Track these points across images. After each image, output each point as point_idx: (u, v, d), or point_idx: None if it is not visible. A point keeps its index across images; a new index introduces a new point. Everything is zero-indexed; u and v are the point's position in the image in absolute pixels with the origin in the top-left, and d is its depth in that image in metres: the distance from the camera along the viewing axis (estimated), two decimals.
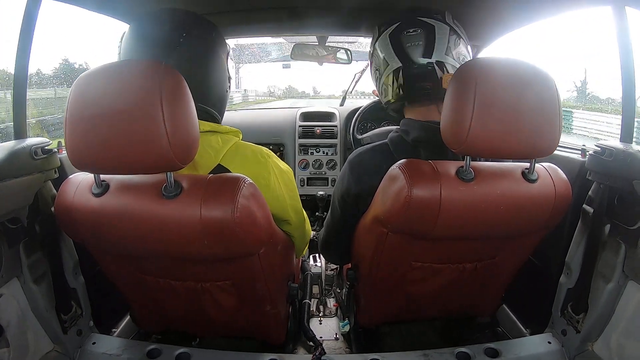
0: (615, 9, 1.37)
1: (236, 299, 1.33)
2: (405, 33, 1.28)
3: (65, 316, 1.41)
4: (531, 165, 1.15)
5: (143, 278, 1.30)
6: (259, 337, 1.57)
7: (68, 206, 1.11)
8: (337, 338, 1.91)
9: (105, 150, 0.95)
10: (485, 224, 1.19)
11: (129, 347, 1.48)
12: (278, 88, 39.28)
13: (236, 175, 1.09)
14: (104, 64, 1.00)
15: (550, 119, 1.07)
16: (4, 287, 1.27)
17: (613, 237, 1.34)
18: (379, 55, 1.34)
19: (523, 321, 1.83)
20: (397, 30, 1.30)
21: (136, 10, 1.75)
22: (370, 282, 1.43)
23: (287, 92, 37.61)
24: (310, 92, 37.88)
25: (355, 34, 2.55)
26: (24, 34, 1.36)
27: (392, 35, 1.30)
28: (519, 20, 1.87)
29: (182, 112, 0.96)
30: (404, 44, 1.28)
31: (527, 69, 1.08)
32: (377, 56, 1.36)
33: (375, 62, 1.37)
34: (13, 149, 1.21)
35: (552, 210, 1.21)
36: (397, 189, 1.12)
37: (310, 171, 3.06)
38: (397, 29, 1.30)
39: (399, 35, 1.29)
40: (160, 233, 1.06)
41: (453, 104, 1.08)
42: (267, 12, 2.09)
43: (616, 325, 1.33)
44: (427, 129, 1.29)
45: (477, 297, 1.52)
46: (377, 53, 1.36)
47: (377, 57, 1.36)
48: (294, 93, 32.48)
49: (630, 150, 1.25)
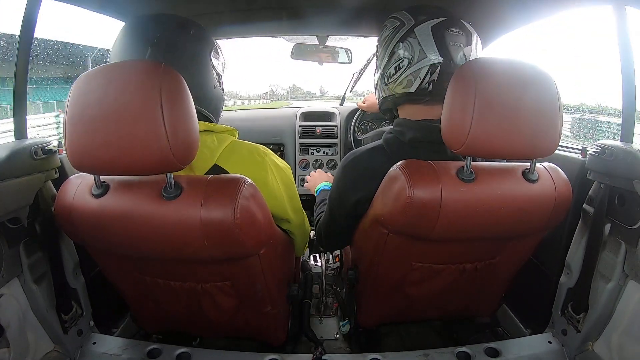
0: (615, 8, 1.37)
1: (236, 299, 1.33)
2: (449, 30, 1.26)
3: (65, 316, 1.42)
4: (531, 165, 1.15)
5: (143, 279, 1.30)
6: (259, 337, 1.57)
7: (68, 207, 1.11)
8: (337, 338, 1.91)
9: (105, 151, 0.94)
10: (485, 224, 1.19)
11: (129, 347, 1.48)
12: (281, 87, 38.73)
13: (236, 176, 1.09)
14: (104, 64, 1.00)
15: (550, 119, 1.07)
16: (5, 287, 1.27)
17: (613, 236, 1.34)
18: (415, 44, 1.28)
19: (523, 321, 1.83)
20: (441, 25, 1.26)
21: (133, 8, 1.75)
22: (370, 283, 1.43)
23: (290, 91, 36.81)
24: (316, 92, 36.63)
25: (355, 33, 2.55)
26: (24, 34, 1.36)
27: (436, 29, 1.26)
28: (519, 19, 1.87)
29: (182, 112, 0.96)
30: (447, 41, 1.25)
31: (528, 69, 1.08)
32: (410, 44, 1.28)
33: (406, 49, 1.29)
34: (13, 149, 1.21)
35: (553, 210, 1.21)
36: (398, 190, 1.12)
37: (310, 171, 3.06)
38: (442, 23, 1.26)
39: (443, 30, 1.25)
40: (160, 234, 1.06)
41: (453, 104, 1.07)
42: (268, 12, 2.10)
43: (616, 325, 1.33)
44: (425, 129, 1.28)
45: (478, 298, 1.52)
46: (411, 41, 1.28)
47: (409, 45, 1.29)
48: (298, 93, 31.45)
49: (631, 149, 1.25)
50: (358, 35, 2.62)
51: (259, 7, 2.04)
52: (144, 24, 1.24)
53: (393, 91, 1.34)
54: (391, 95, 1.36)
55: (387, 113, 1.46)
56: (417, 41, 1.26)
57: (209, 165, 1.21)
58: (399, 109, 1.39)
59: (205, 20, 2.05)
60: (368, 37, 2.55)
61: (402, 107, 1.38)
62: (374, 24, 2.18)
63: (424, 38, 1.26)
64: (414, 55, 1.27)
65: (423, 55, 1.26)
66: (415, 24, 1.27)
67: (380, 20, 1.39)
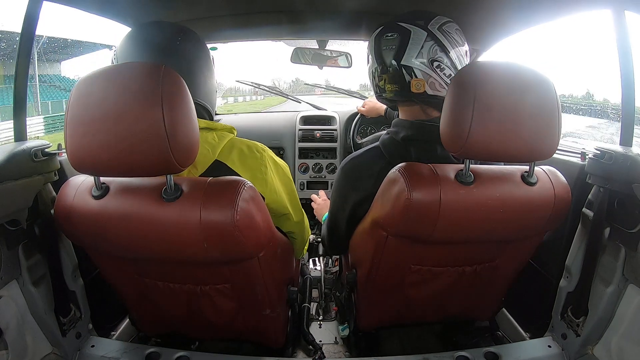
0: (614, 12, 1.37)
1: (235, 302, 1.33)
2: (384, 36, 1.33)
3: (64, 319, 1.41)
4: (530, 168, 1.15)
5: (142, 281, 1.30)
6: (259, 341, 1.57)
7: (68, 208, 1.11)
8: (337, 342, 1.90)
9: (105, 152, 0.95)
10: (484, 227, 1.19)
11: (128, 350, 1.47)
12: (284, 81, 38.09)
13: (236, 179, 1.10)
14: (104, 66, 1.00)
15: (549, 123, 1.07)
16: (3, 289, 1.27)
17: (613, 240, 1.34)
18: (367, 55, 1.43)
19: (523, 325, 1.82)
20: (379, 33, 1.35)
21: (135, 11, 1.76)
22: (369, 286, 1.43)
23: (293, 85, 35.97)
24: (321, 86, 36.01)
25: (355, 37, 2.55)
26: (24, 36, 1.37)
27: (375, 38, 1.36)
28: (519, 24, 1.88)
29: (182, 114, 0.96)
30: (381, 47, 1.34)
31: (527, 73, 1.08)
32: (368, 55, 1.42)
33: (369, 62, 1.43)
34: (13, 151, 1.22)
35: (552, 213, 1.21)
36: (397, 192, 1.12)
37: (310, 175, 3.06)
38: (380, 32, 1.35)
39: (380, 38, 1.34)
40: (159, 236, 1.06)
41: (452, 107, 1.08)
42: (268, 16, 2.10)
43: (616, 329, 1.33)
44: (416, 127, 1.33)
45: (477, 301, 1.52)
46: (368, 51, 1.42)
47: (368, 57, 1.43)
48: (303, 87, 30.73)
49: (630, 153, 1.25)
50: (358, 39, 2.63)
51: (258, 11, 2.05)
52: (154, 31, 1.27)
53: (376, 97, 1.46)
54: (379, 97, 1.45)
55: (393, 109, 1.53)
56: (367, 52, 1.42)
57: (210, 160, 1.22)
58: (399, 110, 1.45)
59: (205, 24, 2.06)
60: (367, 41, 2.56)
61: (400, 109, 1.45)
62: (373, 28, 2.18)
63: (370, 49, 1.41)
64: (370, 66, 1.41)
65: (368, 64, 1.42)
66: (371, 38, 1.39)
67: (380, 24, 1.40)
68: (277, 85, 36.01)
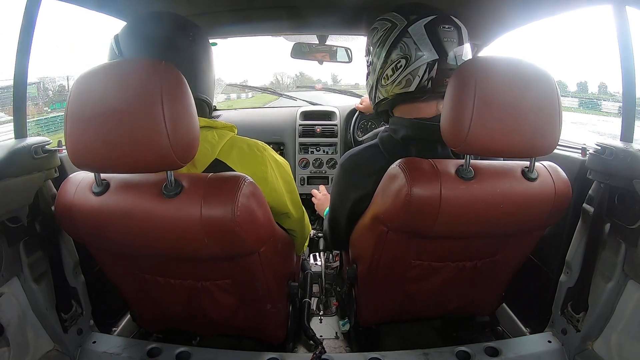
0: (615, 8, 1.37)
1: (236, 297, 1.33)
2: (442, 27, 1.27)
3: (65, 315, 1.42)
4: (531, 163, 1.15)
5: (143, 277, 1.30)
6: (259, 336, 1.57)
7: (68, 205, 1.11)
8: (338, 337, 1.91)
9: (105, 149, 0.95)
10: (485, 222, 1.19)
11: (129, 346, 1.48)
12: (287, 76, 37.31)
13: (236, 174, 1.10)
14: (104, 62, 1.00)
15: (550, 118, 1.07)
16: (5, 286, 1.27)
17: (613, 236, 1.34)
18: (411, 44, 1.29)
19: (523, 320, 1.83)
20: (433, 23, 1.28)
21: (134, 8, 1.75)
22: (370, 281, 1.43)
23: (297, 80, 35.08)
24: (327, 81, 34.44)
25: (355, 32, 2.55)
26: (23, 34, 1.36)
27: (429, 27, 1.27)
28: (520, 19, 1.87)
29: (182, 110, 0.96)
30: (442, 38, 1.27)
31: (527, 68, 1.08)
32: (406, 44, 1.30)
33: (402, 50, 1.30)
34: (13, 148, 1.21)
35: (552, 208, 1.21)
36: (397, 187, 1.12)
37: (310, 170, 3.06)
38: (434, 21, 1.28)
39: (436, 28, 1.27)
40: (160, 232, 1.07)
41: (453, 102, 1.08)
42: (268, 11, 2.09)
43: (616, 324, 1.33)
44: (416, 127, 1.30)
45: (477, 296, 1.52)
46: (406, 41, 1.30)
47: (405, 45, 1.30)
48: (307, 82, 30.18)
49: (631, 149, 1.25)
50: (358, 34, 2.62)
51: (258, 6, 2.04)
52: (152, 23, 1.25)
53: (391, 92, 1.35)
54: (389, 96, 1.37)
55: (383, 115, 1.47)
56: (413, 40, 1.28)
57: (210, 159, 1.22)
58: (395, 110, 1.41)
59: (204, 19, 2.05)
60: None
61: (397, 107, 1.40)
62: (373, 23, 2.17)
63: (419, 37, 1.27)
64: (410, 54, 1.28)
65: (420, 54, 1.27)
66: (408, 24, 1.29)
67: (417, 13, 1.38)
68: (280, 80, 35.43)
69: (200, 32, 1.30)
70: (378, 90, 1.40)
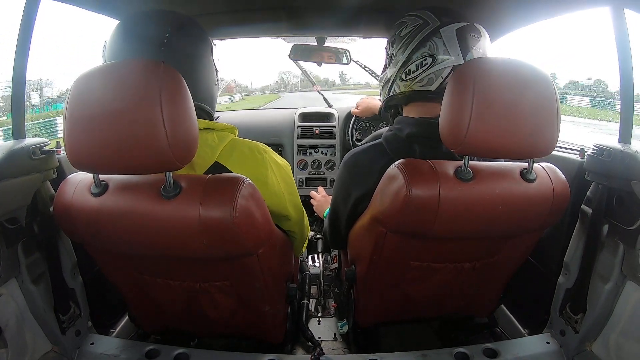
0: (613, 10, 1.37)
1: (234, 299, 1.33)
2: (471, 35, 1.29)
3: (63, 316, 1.41)
4: (529, 165, 1.16)
5: (141, 278, 1.30)
6: (258, 337, 1.57)
7: (67, 206, 1.11)
8: (336, 338, 1.91)
9: (104, 150, 0.95)
10: (483, 223, 1.19)
11: (127, 347, 1.48)
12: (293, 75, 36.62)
13: (235, 176, 1.10)
14: (103, 63, 1.00)
15: (548, 119, 1.07)
16: (2, 288, 1.27)
17: (611, 237, 1.35)
18: (440, 44, 1.30)
19: (521, 321, 1.83)
20: (465, 30, 1.29)
21: (129, 7, 1.75)
22: (368, 282, 1.43)
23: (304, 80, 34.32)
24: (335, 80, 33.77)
25: (354, 34, 2.55)
26: (22, 34, 1.36)
27: (460, 32, 1.29)
28: (518, 21, 1.87)
29: (181, 112, 0.96)
30: (470, 45, 1.28)
31: (526, 69, 1.08)
32: (435, 43, 1.30)
33: (430, 49, 1.31)
34: (11, 149, 1.21)
35: (550, 209, 1.21)
36: (396, 188, 1.12)
37: (309, 171, 3.06)
38: (465, 28, 1.29)
39: (466, 34, 1.28)
40: (159, 233, 1.06)
41: (451, 103, 1.08)
42: (266, 13, 2.10)
43: (614, 326, 1.34)
44: (421, 124, 1.30)
45: (476, 297, 1.52)
46: (437, 41, 1.30)
47: (434, 44, 1.30)
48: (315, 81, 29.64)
49: (629, 150, 1.25)
50: (357, 36, 2.62)
51: (257, 7, 2.04)
52: (147, 22, 1.24)
53: (410, 88, 1.35)
54: (405, 91, 1.37)
55: (391, 110, 1.47)
56: (443, 42, 1.29)
57: (209, 162, 1.22)
58: (404, 107, 1.41)
59: (202, 21, 2.04)
60: (367, 37, 2.56)
61: (408, 105, 1.40)
62: (373, 25, 2.18)
63: (449, 39, 1.28)
64: (437, 54, 1.29)
65: (447, 56, 1.28)
66: (441, 25, 1.30)
67: (379, 21, 1.39)
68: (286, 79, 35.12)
69: (195, 31, 1.28)
70: (396, 83, 1.40)
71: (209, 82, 1.33)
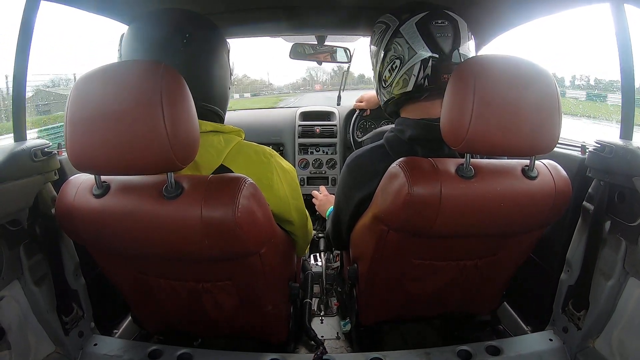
0: (613, 6, 1.37)
1: (237, 298, 1.33)
2: (434, 23, 1.25)
3: (66, 318, 1.42)
4: (531, 162, 1.15)
5: (144, 278, 1.30)
6: (261, 337, 1.57)
7: (69, 207, 1.11)
8: (339, 337, 1.91)
9: (105, 151, 0.95)
10: (485, 221, 1.19)
11: (130, 348, 1.48)
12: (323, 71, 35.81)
13: (237, 176, 1.10)
14: (104, 65, 1.00)
15: (549, 117, 1.07)
16: (5, 289, 1.27)
17: (613, 234, 1.34)
18: (403, 43, 1.28)
19: (524, 319, 1.83)
20: (425, 19, 1.26)
21: (134, 11, 1.75)
22: (371, 280, 1.43)
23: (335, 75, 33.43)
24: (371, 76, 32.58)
25: (354, 32, 2.55)
26: (22, 36, 1.36)
27: (420, 24, 1.26)
28: (519, 17, 1.87)
29: (182, 112, 0.96)
30: (434, 34, 1.25)
31: (527, 66, 1.08)
32: (398, 44, 1.29)
33: (396, 51, 1.30)
34: (13, 151, 1.22)
35: (552, 207, 1.21)
36: (397, 187, 1.12)
37: (310, 170, 3.06)
38: (425, 18, 1.26)
39: (428, 24, 1.25)
40: (161, 233, 1.06)
41: (452, 101, 1.08)
42: (266, 12, 2.09)
43: (617, 322, 1.33)
44: (422, 127, 1.29)
45: (478, 295, 1.52)
46: (399, 41, 1.29)
47: (398, 45, 1.29)
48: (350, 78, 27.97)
49: (630, 147, 1.25)
50: (356, 35, 2.62)
51: (256, 7, 2.04)
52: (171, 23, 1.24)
53: (392, 93, 1.35)
54: (391, 98, 1.37)
55: (393, 115, 1.46)
56: (405, 40, 1.27)
57: (215, 165, 1.22)
58: (404, 108, 1.39)
59: None
60: (367, 36, 2.56)
61: (403, 108, 1.39)
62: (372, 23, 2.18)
63: (411, 35, 1.26)
64: (404, 54, 1.28)
65: (413, 53, 1.27)
66: (400, 24, 1.29)
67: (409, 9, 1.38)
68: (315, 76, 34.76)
69: (200, 32, 1.27)
70: (381, 92, 1.41)
71: (223, 84, 1.33)
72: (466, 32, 1.28)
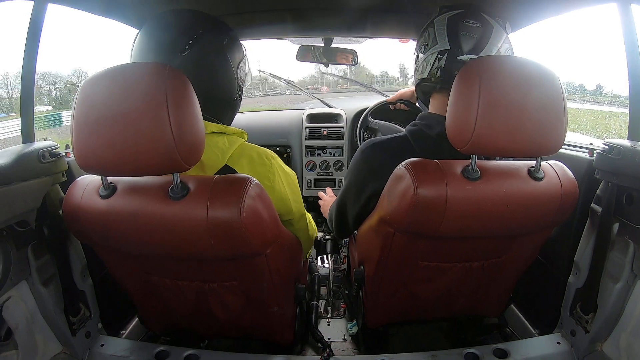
0: (620, 6, 1.36)
1: (243, 299, 1.33)
2: (464, 21, 1.26)
3: (73, 318, 1.43)
4: (537, 163, 1.15)
5: (150, 278, 1.31)
6: (267, 339, 1.57)
7: (76, 208, 1.12)
8: (345, 339, 1.90)
9: (112, 152, 0.95)
10: (491, 222, 1.18)
11: (137, 348, 1.49)
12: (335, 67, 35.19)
13: (242, 176, 1.10)
14: (110, 67, 1.01)
15: (555, 117, 1.07)
16: (13, 290, 1.28)
17: (621, 236, 1.33)
18: (432, 32, 1.32)
19: (531, 321, 1.82)
20: (457, 16, 1.28)
21: (144, 14, 1.76)
22: (377, 282, 1.43)
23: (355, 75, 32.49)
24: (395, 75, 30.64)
25: (361, 35, 2.55)
26: (30, 39, 1.38)
27: (452, 19, 1.28)
28: (525, 19, 1.86)
29: (187, 113, 0.96)
30: (459, 31, 1.26)
31: (532, 67, 1.07)
32: (429, 32, 1.33)
33: (425, 38, 1.34)
34: (21, 153, 1.23)
35: (559, 208, 1.20)
36: (403, 188, 1.12)
37: (317, 172, 3.05)
38: (458, 15, 1.28)
39: (458, 21, 1.27)
40: (167, 234, 1.07)
41: (458, 102, 1.07)
42: (273, 14, 2.10)
43: (625, 325, 1.32)
44: None
45: (485, 297, 1.51)
46: (430, 30, 1.33)
47: (428, 33, 1.33)
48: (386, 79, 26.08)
49: (639, 148, 1.24)
50: (364, 37, 2.62)
51: (263, 9, 2.05)
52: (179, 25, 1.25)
53: (416, 77, 1.39)
54: (417, 81, 1.40)
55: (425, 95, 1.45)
56: (434, 30, 1.30)
57: (219, 165, 1.22)
58: (433, 96, 1.39)
59: None
60: (374, 38, 2.56)
61: (435, 93, 1.39)
62: (380, 25, 2.18)
63: (439, 28, 1.29)
64: (428, 42, 1.31)
65: (435, 43, 1.29)
66: (437, 15, 1.31)
67: (387, 22, 1.39)
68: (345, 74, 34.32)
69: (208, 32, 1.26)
70: (414, 76, 1.43)
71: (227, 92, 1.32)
72: (499, 41, 1.28)
